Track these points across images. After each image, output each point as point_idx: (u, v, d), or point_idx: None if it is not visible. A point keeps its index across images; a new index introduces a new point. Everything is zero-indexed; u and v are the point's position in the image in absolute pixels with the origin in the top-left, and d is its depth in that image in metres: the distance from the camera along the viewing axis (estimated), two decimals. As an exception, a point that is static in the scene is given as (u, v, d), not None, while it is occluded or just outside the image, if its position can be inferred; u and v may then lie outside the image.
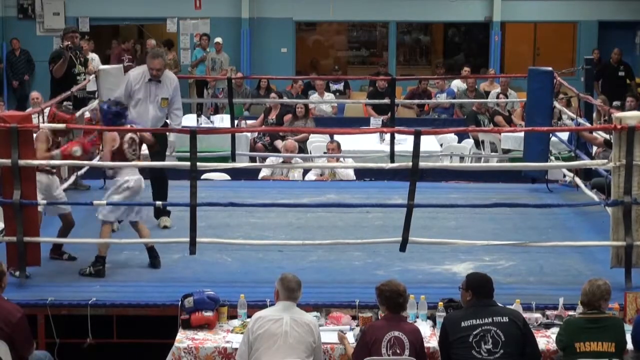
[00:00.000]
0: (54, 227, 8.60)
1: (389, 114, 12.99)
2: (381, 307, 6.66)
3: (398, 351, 6.32)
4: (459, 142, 14.74)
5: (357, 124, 15.44)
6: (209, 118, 15.98)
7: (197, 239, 7.99)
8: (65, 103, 9.35)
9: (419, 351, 6.40)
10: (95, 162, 9.57)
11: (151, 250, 8.38)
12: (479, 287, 6.55)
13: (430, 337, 6.89)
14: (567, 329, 6.50)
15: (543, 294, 7.62)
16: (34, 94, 14.57)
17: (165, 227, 9.43)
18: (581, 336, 6.39)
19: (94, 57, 17.76)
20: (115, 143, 8.26)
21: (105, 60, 18.85)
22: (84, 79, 10.51)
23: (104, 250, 8.16)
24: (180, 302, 7.15)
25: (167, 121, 9.63)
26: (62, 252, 8.51)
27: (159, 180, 9.48)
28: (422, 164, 8.00)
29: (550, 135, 11.33)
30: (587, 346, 6.35)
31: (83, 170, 10.51)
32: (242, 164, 11.34)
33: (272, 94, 16.86)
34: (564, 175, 11.57)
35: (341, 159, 12.06)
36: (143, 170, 8.63)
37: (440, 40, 23.85)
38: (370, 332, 6.42)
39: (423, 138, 7.94)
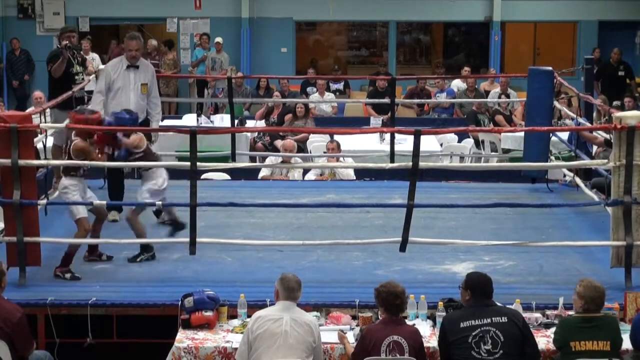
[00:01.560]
0: (54, 227, 8.60)
1: (389, 114, 13.00)
2: (380, 309, 6.66)
3: (397, 356, 6.32)
4: (459, 141, 14.74)
5: (357, 123, 15.44)
6: (209, 118, 15.99)
7: (197, 239, 7.99)
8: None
9: (419, 352, 6.40)
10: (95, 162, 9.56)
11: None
12: (477, 287, 6.54)
13: (430, 337, 6.89)
14: (562, 329, 6.52)
15: (543, 294, 7.62)
16: (37, 94, 14.56)
17: (114, 220, 9.34)
18: (576, 335, 6.40)
19: (94, 57, 17.77)
20: (143, 144, 8.34)
21: (104, 60, 18.83)
22: (82, 79, 10.50)
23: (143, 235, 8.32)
24: (180, 302, 7.15)
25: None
26: (100, 252, 8.44)
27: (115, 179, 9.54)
28: (422, 163, 7.99)
29: (550, 135, 11.33)
30: (582, 345, 6.37)
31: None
32: (242, 163, 11.33)
33: (276, 93, 16.86)
34: (564, 175, 11.57)
35: (341, 159, 12.06)
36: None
37: (440, 40, 23.85)
38: (368, 336, 6.41)
39: (423, 138, 7.94)
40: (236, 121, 13.67)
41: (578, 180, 10.62)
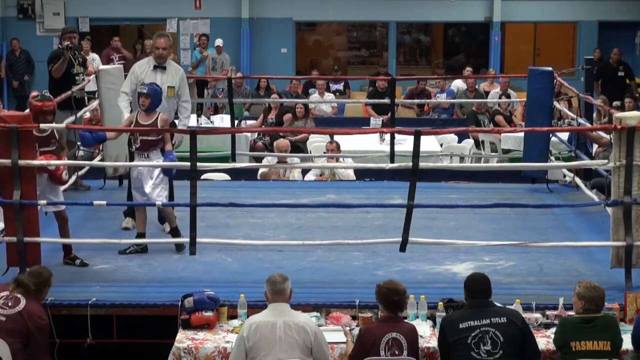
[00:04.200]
0: (54, 227, 8.59)
1: (389, 114, 13.00)
2: (380, 306, 6.66)
3: (397, 352, 6.32)
4: (459, 142, 14.74)
5: (357, 124, 15.45)
6: (209, 118, 15.99)
7: (197, 239, 8.00)
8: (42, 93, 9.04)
9: (414, 350, 6.40)
10: (95, 162, 9.58)
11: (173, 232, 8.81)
12: (475, 287, 6.54)
13: (430, 337, 6.89)
14: (562, 329, 6.52)
15: (543, 294, 7.63)
16: (34, 94, 14.55)
17: (126, 228, 9.41)
18: (576, 335, 6.41)
19: (94, 57, 17.75)
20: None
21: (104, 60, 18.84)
22: (83, 80, 10.47)
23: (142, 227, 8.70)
24: (180, 302, 7.15)
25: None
26: (75, 257, 8.39)
27: None
28: (422, 164, 7.99)
29: (550, 135, 11.33)
30: (582, 345, 6.38)
31: (83, 171, 10.51)
32: (242, 164, 11.34)
33: (274, 94, 16.87)
34: (564, 175, 11.57)
35: (341, 159, 12.06)
36: None
37: (440, 40, 23.84)
38: (367, 335, 6.41)
39: (423, 138, 7.94)
40: (236, 122, 13.67)
41: (578, 180, 10.62)
